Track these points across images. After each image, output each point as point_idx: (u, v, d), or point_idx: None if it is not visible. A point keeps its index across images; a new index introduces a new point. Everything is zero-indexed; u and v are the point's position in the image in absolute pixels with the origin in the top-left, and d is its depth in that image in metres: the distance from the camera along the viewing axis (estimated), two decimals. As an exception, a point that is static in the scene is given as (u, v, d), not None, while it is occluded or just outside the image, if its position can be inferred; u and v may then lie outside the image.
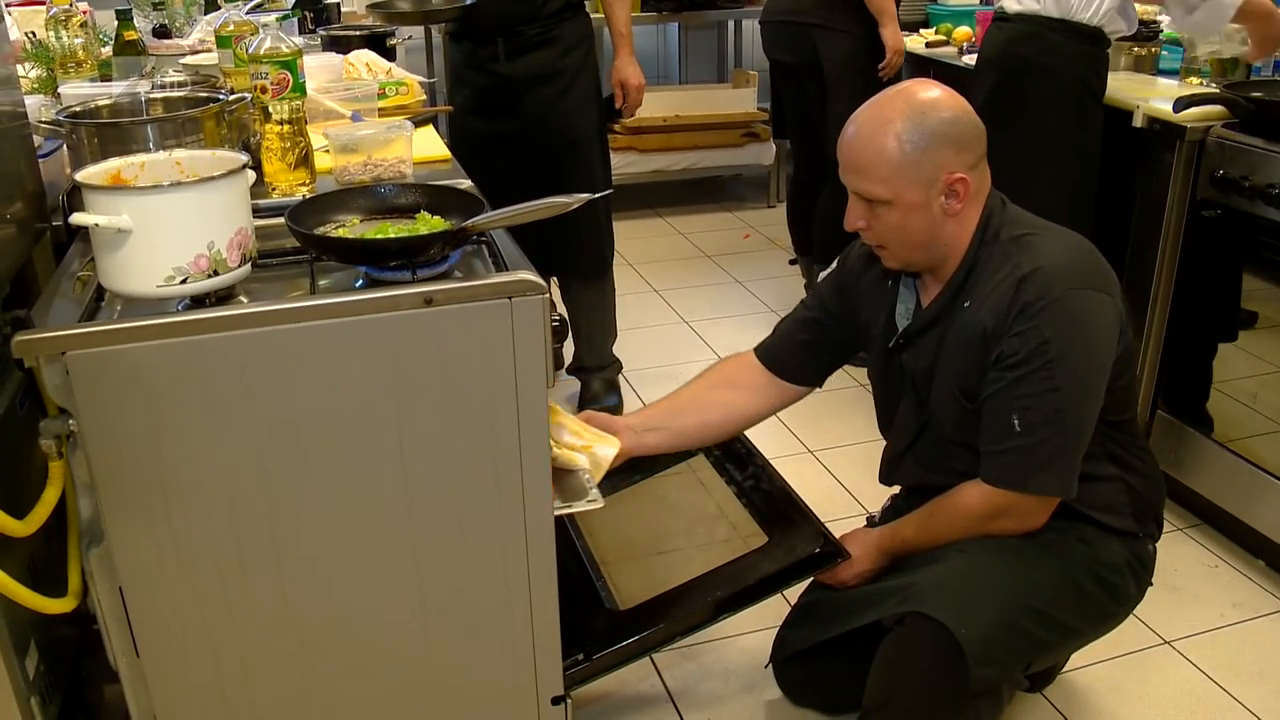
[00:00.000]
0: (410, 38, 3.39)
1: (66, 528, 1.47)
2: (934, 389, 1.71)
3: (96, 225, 1.27)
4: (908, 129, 1.56)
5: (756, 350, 1.97)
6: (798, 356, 1.93)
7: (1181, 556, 2.51)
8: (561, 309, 3.04)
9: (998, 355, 1.58)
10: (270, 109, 1.69)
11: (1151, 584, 1.82)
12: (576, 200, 1.41)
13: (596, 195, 1.44)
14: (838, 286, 1.89)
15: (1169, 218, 2.53)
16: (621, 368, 3.30)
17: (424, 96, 2.38)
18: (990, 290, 1.61)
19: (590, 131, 2.95)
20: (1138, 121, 2.55)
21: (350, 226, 1.51)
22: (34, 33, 2.60)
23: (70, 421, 1.28)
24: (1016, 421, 1.57)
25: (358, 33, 2.85)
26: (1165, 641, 2.24)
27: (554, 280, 3.06)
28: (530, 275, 1.36)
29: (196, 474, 1.33)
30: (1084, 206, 2.61)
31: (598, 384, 3.22)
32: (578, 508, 1.55)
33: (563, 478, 1.60)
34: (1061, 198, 2.54)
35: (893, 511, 1.95)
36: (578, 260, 2.98)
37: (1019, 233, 1.63)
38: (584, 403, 3.20)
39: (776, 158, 5.10)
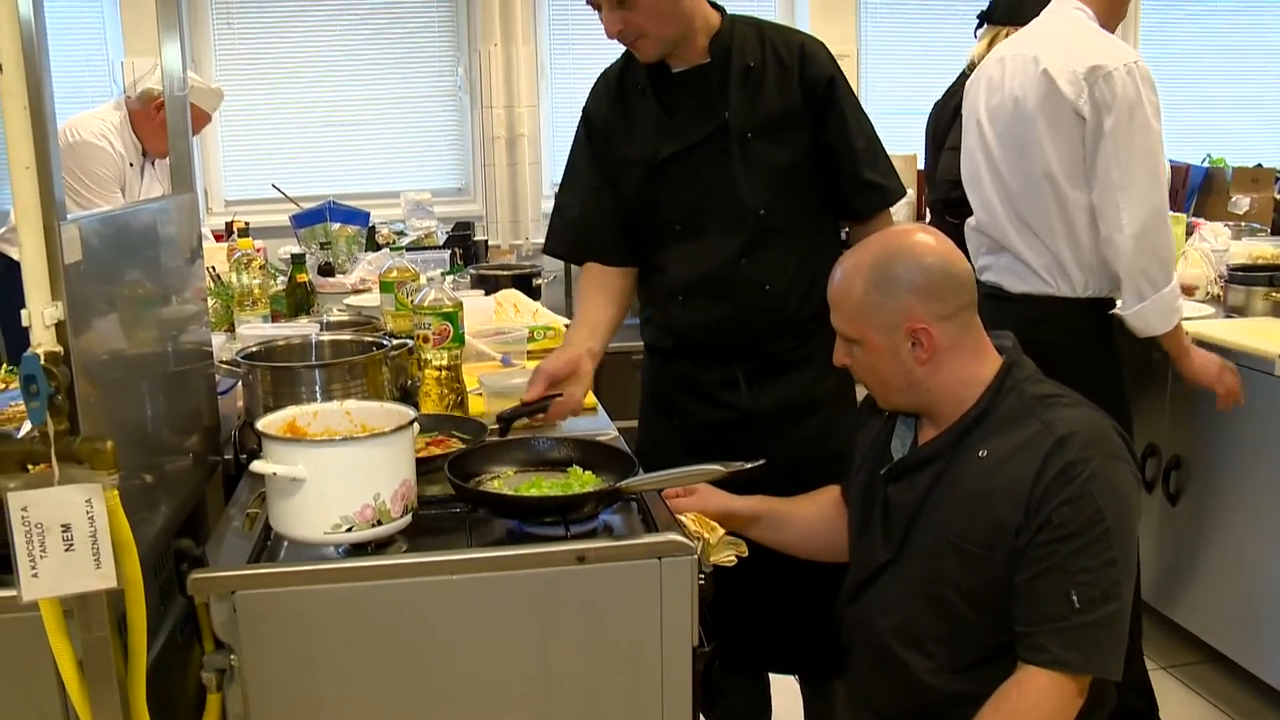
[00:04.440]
0: (555, 277, 3.52)
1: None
2: (915, 529, 1.62)
3: (274, 474, 1.36)
4: (874, 272, 1.56)
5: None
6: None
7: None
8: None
9: (1042, 523, 1.49)
10: (430, 356, 1.81)
11: None
12: (731, 469, 1.43)
13: (749, 466, 1.46)
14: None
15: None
16: None
17: (570, 339, 2.48)
18: (1016, 447, 1.54)
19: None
20: (1278, 371, 2.53)
21: (505, 478, 1.58)
22: (214, 267, 2.83)
23: (231, 656, 1.33)
24: (1076, 598, 1.47)
25: (505, 272, 3.01)
26: None
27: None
28: (679, 537, 1.39)
29: (345, 711, 1.36)
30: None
31: None
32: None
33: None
34: None
35: None
36: (814, 655, 2.11)
37: (1045, 392, 1.59)
38: None
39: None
